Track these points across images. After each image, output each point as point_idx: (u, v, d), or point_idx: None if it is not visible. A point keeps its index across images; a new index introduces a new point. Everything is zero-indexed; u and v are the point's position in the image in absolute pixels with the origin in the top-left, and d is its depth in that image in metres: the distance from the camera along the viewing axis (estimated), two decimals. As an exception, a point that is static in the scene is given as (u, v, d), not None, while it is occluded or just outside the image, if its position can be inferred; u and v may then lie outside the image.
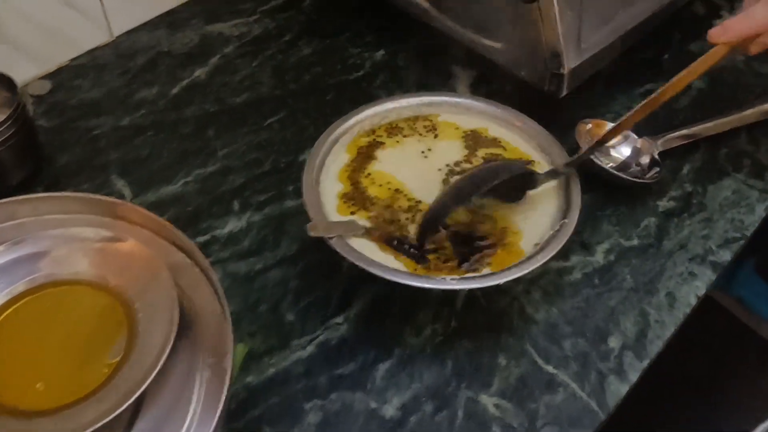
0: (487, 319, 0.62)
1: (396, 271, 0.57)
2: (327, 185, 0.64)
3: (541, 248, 0.58)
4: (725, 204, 0.70)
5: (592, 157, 0.69)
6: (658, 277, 0.65)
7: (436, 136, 0.68)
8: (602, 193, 0.70)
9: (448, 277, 0.57)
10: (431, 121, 0.70)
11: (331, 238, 0.58)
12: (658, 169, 0.70)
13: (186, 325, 0.50)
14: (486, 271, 0.58)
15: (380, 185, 0.64)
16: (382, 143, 0.68)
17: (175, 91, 0.80)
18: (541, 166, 0.65)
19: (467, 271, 0.58)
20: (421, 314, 0.62)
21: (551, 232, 0.59)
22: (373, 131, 0.69)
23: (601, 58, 0.73)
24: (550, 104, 0.72)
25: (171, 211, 0.69)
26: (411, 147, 0.68)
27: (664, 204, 0.70)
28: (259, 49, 0.85)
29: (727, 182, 0.72)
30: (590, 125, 0.72)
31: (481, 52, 0.76)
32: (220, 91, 0.80)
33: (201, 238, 0.67)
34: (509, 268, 0.57)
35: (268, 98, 0.80)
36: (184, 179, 0.72)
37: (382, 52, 0.85)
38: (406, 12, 0.81)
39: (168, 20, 0.88)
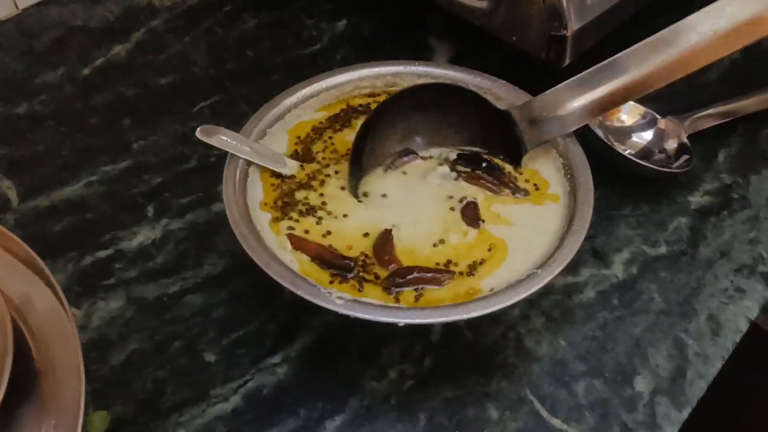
0: (473, 356, 0.47)
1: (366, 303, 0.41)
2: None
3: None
4: (774, 199, 0.55)
5: (605, 141, 0.54)
6: (695, 296, 0.50)
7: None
8: (618, 186, 0.55)
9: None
10: None
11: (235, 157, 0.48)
12: (687, 156, 0.55)
13: (29, 380, 0.35)
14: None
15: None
16: (360, 111, 0.54)
17: (85, 72, 0.65)
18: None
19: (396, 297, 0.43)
20: (385, 351, 0.47)
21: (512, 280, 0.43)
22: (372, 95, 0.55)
23: (608, 20, 0.58)
24: (546, 78, 0.57)
25: (66, 220, 0.54)
26: None
27: (696, 200, 0.55)
28: (193, 22, 0.70)
29: (774, 172, 0.57)
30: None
31: (465, 17, 0.61)
32: (141, 72, 0.65)
33: (102, 253, 0.52)
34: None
35: (201, 80, 0.65)
36: (87, 179, 0.56)
37: (344, 22, 0.70)
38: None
39: (86, -10, 0.73)
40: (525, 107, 0.50)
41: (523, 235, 0.46)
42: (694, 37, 0.47)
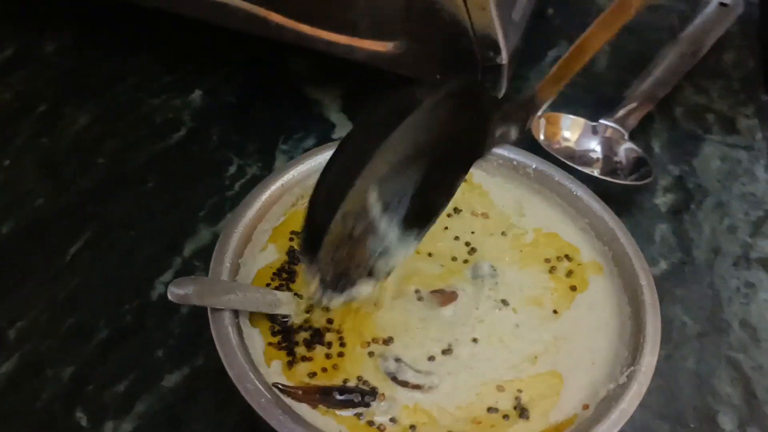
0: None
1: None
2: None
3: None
4: (722, 177, 0.55)
5: (566, 162, 0.49)
6: (717, 305, 0.47)
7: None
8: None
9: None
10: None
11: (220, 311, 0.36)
12: (644, 168, 0.52)
13: None
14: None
15: None
16: None
17: None
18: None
19: None
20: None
21: (609, 387, 0.37)
22: None
23: (524, 34, 0.53)
24: None
25: (-36, 476, 0.38)
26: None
27: (661, 200, 0.53)
28: (3, 138, 0.53)
29: (708, 149, 0.57)
30: (543, 121, 0.53)
31: (356, 59, 0.52)
32: (-34, 226, 0.48)
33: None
34: None
35: (54, 215, 0.49)
36: (-34, 404, 0.40)
37: (198, 92, 0.58)
38: (211, 25, 0.54)
39: None
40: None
41: (579, 350, 0.39)
42: None
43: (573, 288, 0.41)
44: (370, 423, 0.35)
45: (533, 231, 0.43)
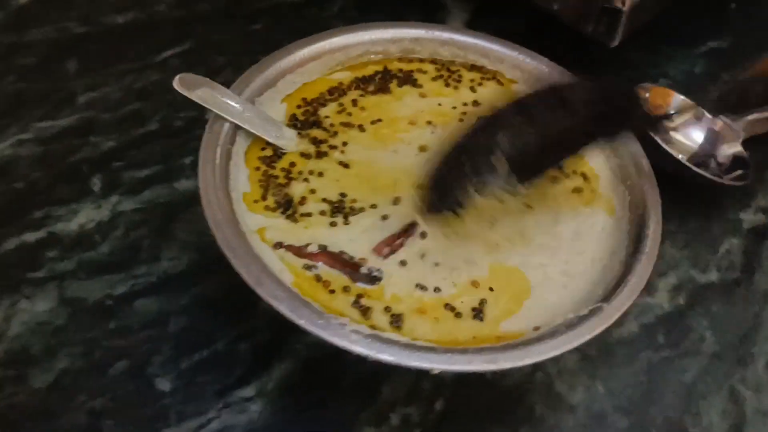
0: (494, 400, 0.38)
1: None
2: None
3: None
4: (836, 222, 0.48)
5: (657, 139, 0.45)
6: (751, 336, 0.42)
7: None
8: (664, 196, 0.46)
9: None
10: (497, 80, 0.45)
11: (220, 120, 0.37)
12: (743, 166, 0.47)
13: None
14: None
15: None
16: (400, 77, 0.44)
17: (22, 1, 0.53)
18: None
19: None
20: (386, 389, 0.38)
21: (568, 316, 0.34)
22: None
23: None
24: (583, 58, 0.48)
25: (-13, 188, 0.43)
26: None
27: (749, 218, 0.47)
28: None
29: (835, 189, 0.49)
30: (649, 93, 0.49)
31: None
32: (92, 6, 0.53)
33: (30, 235, 0.41)
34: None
35: (165, 21, 0.54)
36: (17, 136, 0.45)
37: (339, -33, 0.59)
38: None
39: None
40: None
41: (556, 269, 0.36)
42: None
43: (577, 190, 0.39)
44: (318, 278, 0.35)
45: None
